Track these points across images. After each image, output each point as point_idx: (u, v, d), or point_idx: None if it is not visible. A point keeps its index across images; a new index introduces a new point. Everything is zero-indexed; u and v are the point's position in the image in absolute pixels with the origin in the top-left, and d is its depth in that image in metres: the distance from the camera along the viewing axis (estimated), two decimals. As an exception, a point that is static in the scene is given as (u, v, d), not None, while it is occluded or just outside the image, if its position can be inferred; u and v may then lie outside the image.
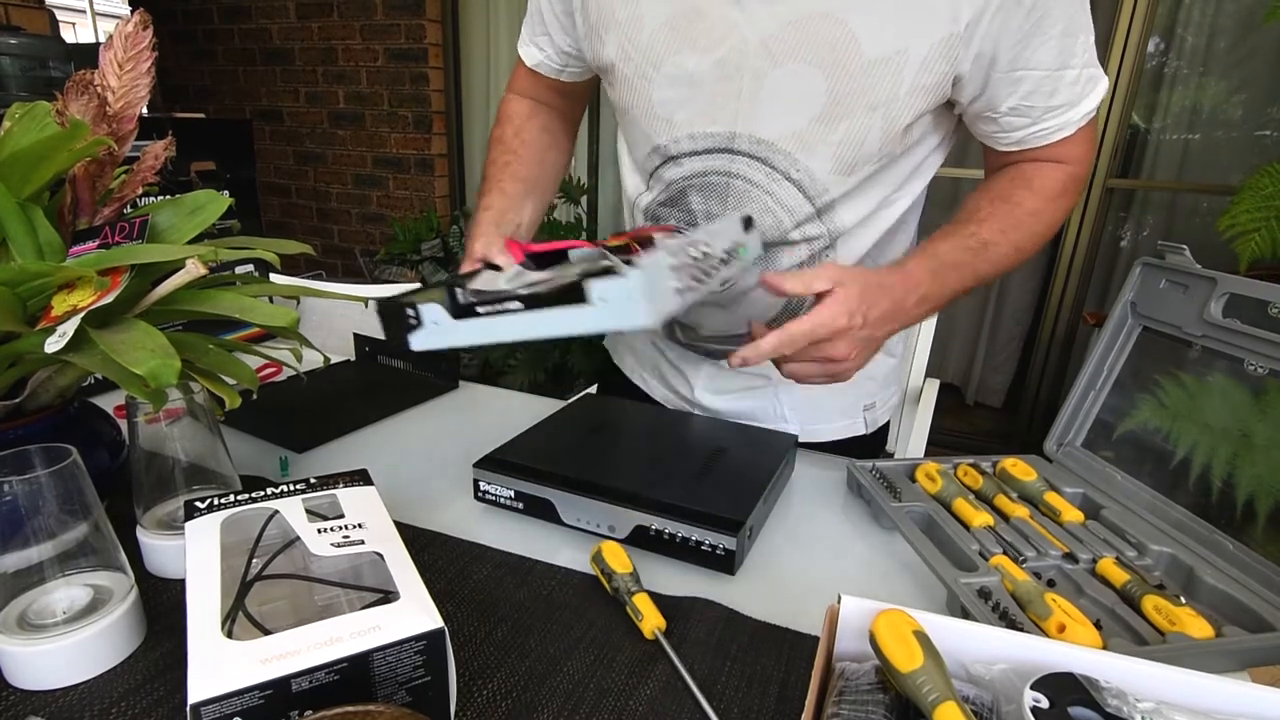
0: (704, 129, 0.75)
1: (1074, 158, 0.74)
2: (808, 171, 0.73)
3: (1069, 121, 0.70)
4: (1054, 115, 0.70)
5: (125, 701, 0.47)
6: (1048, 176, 0.74)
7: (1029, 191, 0.74)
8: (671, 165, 0.79)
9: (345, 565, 0.53)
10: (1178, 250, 0.73)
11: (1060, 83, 0.68)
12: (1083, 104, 0.70)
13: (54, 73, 2.14)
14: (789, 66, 0.68)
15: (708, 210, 0.79)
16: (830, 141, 0.70)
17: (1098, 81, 0.70)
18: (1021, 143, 0.73)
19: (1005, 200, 0.74)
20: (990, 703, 0.40)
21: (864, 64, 0.66)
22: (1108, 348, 0.79)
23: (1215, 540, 0.63)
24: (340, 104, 3.47)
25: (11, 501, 0.46)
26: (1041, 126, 0.71)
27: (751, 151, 0.74)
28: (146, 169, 0.66)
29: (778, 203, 0.76)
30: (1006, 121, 0.71)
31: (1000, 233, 0.72)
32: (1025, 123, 0.71)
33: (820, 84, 0.68)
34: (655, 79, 0.75)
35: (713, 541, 0.61)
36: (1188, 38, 2.44)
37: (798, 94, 0.69)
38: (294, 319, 0.58)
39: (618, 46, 0.76)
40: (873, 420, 0.95)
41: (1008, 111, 0.70)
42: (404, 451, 0.86)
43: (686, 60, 0.72)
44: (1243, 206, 1.81)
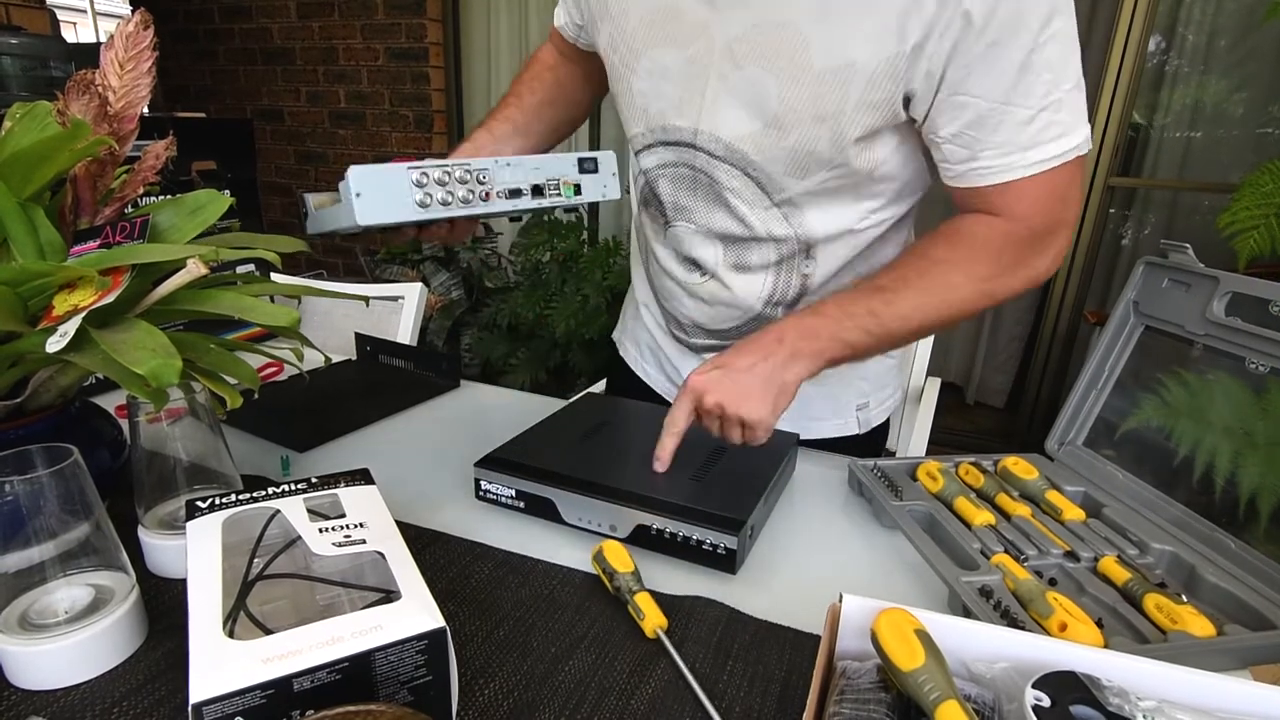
0: (673, 122, 0.77)
1: (1022, 214, 0.68)
2: (763, 171, 0.74)
3: (1012, 165, 0.65)
4: (995, 154, 0.66)
5: (127, 701, 0.47)
6: (981, 235, 0.70)
7: (948, 247, 0.71)
8: (646, 153, 0.83)
9: (347, 565, 0.53)
10: (1181, 249, 0.73)
11: (1006, 119, 0.64)
12: (1033, 151, 0.65)
13: (55, 72, 2.14)
14: (748, 70, 0.70)
15: (676, 201, 0.82)
16: (782, 147, 0.71)
17: (1065, 131, 0.64)
18: (962, 178, 0.69)
19: (922, 256, 0.72)
20: (992, 701, 0.40)
21: (813, 74, 0.66)
22: (1109, 347, 0.79)
23: (1216, 538, 0.63)
24: (341, 103, 3.47)
25: (13, 501, 0.46)
26: (981, 164, 0.67)
27: (711, 149, 0.76)
28: (147, 169, 0.66)
29: (739, 198, 0.77)
30: (948, 150, 0.68)
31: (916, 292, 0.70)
32: (965, 155, 0.67)
33: (773, 90, 0.69)
34: (636, 69, 0.78)
35: (714, 541, 0.61)
36: (1188, 36, 2.43)
37: (753, 98, 0.70)
38: (295, 318, 0.58)
39: (608, 36, 0.80)
40: (866, 420, 0.94)
41: (949, 138, 0.67)
42: (405, 451, 0.86)
43: (663, 55, 0.75)
44: (1242, 204, 1.81)
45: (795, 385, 0.68)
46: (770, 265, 0.81)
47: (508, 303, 2.53)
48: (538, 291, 2.53)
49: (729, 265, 0.82)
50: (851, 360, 0.72)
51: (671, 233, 0.85)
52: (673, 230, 0.84)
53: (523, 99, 0.94)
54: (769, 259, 0.80)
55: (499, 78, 3.29)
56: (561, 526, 0.68)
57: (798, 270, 0.81)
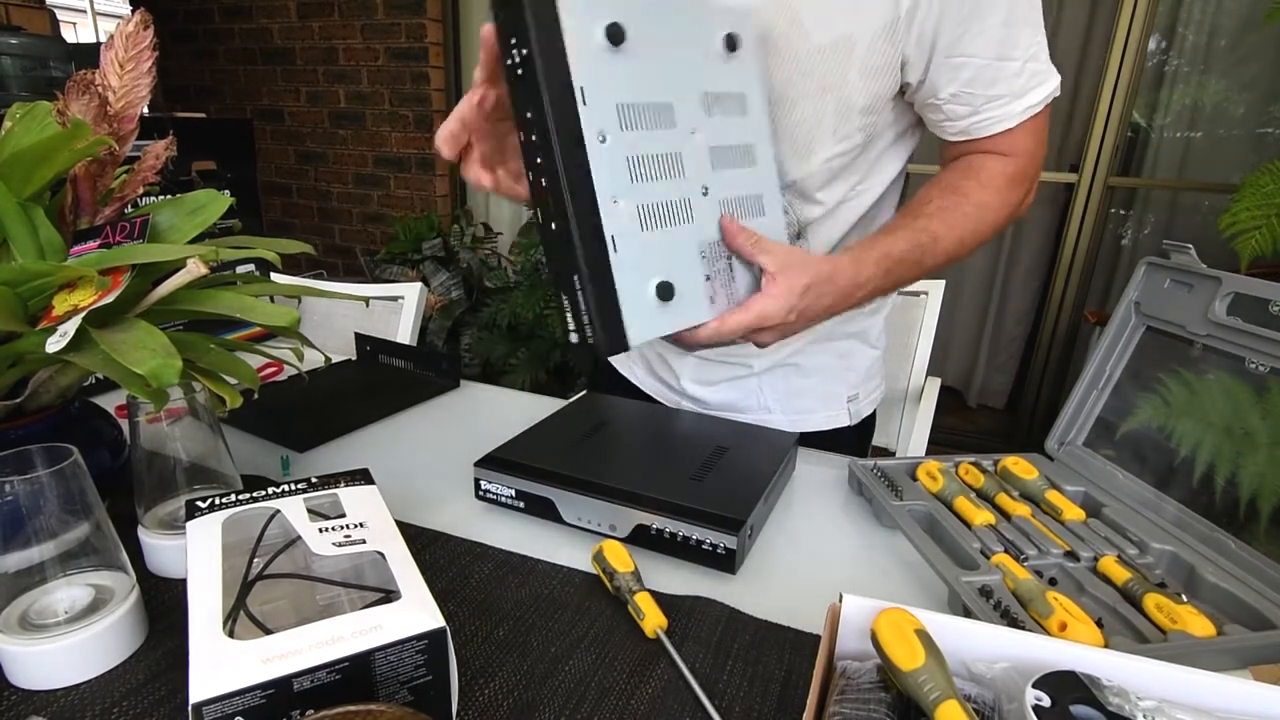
0: None
1: (1019, 151, 0.75)
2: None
3: (1010, 113, 0.71)
4: (995, 105, 0.71)
5: (127, 701, 0.47)
6: (994, 169, 0.75)
7: (976, 183, 0.75)
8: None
9: (347, 564, 0.53)
10: (1183, 249, 0.73)
11: (1001, 73, 0.69)
12: (1025, 97, 0.71)
13: (55, 73, 2.14)
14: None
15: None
16: (787, 124, 0.74)
17: (1045, 78, 0.71)
18: (966, 132, 0.74)
19: (954, 192, 0.75)
20: (992, 701, 0.40)
21: (812, 50, 0.70)
22: (1110, 347, 0.79)
23: (1216, 538, 0.63)
24: (341, 103, 3.47)
25: (13, 501, 0.46)
26: (983, 116, 0.72)
27: None
28: (147, 169, 0.66)
29: None
30: (949, 109, 0.73)
31: (949, 227, 0.73)
32: (967, 111, 0.72)
33: (774, 70, 0.71)
34: None
35: (714, 540, 0.61)
36: (1188, 36, 2.43)
37: None
38: (295, 318, 0.58)
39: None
40: (856, 412, 0.96)
41: (949, 99, 0.72)
42: (405, 451, 0.86)
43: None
44: (1243, 204, 1.80)
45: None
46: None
47: (508, 303, 2.53)
48: (538, 291, 2.53)
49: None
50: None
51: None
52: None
53: None
54: None
55: (499, 78, 3.28)
56: (561, 526, 0.68)
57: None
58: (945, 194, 0.75)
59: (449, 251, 2.93)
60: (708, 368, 0.93)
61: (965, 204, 0.74)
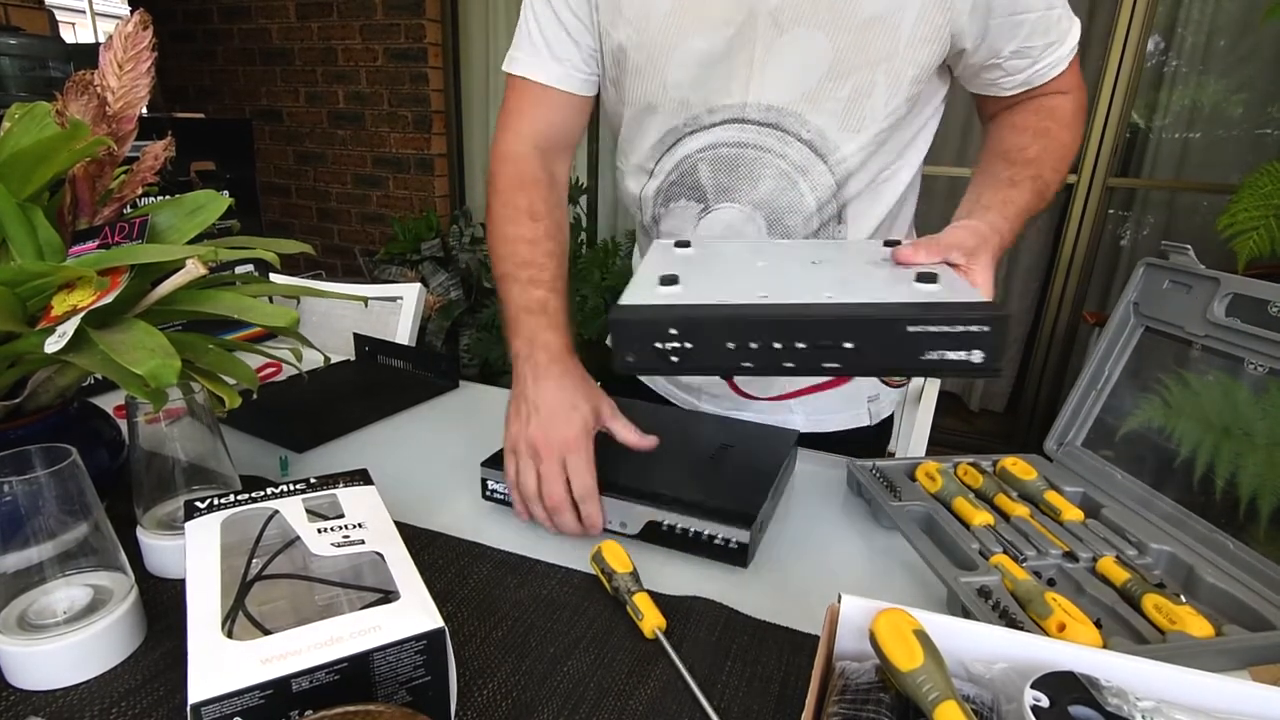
0: (718, 102, 0.77)
1: (1073, 86, 0.78)
2: (818, 130, 0.76)
3: (1062, 57, 0.75)
4: (1051, 52, 0.74)
5: (126, 701, 0.47)
6: (1064, 108, 0.78)
7: (1058, 124, 0.77)
8: (680, 144, 0.81)
9: (345, 565, 0.53)
10: (1181, 250, 0.73)
11: (1050, 21, 0.72)
12: (1069, 39, 0.74)
13: (54, 73, 2.14)
14: (794, 32, 0.71)
15: (717, 183, 0.81)
16: (838, 98, 0.74)
17: (1073, 19, 0.75)
18: (1028, 83, 0.76)
19: (1045, 135, 0.76)
20: (991, 702, 0.40)
21: (862, 21, 0.70)
22: (1109, 347, 0.79)
23: (1215, 539, 0.63)
24: (340, 104, 3.47)
25: (11, 502, 0.46)
26: (1042, 64, 0.75)
27: (761, 119, 0.76)
28: (146, 169, 0.66)
29: (791, 164, 0.78)
30: (1011, 65, 0.75)
31: (1053, 170, 0.75)
32: (1027, 64, 0.75)
33: (824, 44, 0.71)
34: (669, 62, 0.77)
35: (726, 535, 0.61)
36: (1187, 36, 2.43)
37: (804, 56, 0.72)
38: (294, 319, 0.58)
39: (628, 38, 0.77)
40: (876, 412, 0.96)
41: (1011, 55, 0.74)
42: (404, 451, 0.86)
43: (698, 41, 0.74)
44: (1241, 205, 1.81)
45: None
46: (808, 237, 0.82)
47: (507, 303, 2.53)
48: (537, 292, 2.52)
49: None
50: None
51: (709, 218, 0.83)
52: (711, 214, 0.83)
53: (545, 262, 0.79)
54: (810, 229, 0.82)
55: (498, 78, 3.27)
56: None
57: (831, 237, 0.83)
58: (1038, 137, 0.76)
59: (448, 252, 2.93)
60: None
61: (1056, 144, 0.76)
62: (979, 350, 0.46)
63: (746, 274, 0.58)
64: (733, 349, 0.49)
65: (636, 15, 0.76)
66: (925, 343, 0.47)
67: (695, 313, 0.49)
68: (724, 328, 0.48)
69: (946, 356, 0.47)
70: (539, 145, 0.85)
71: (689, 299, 0.52)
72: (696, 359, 0.49)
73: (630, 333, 0.50)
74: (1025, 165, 0.74)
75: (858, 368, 0.49)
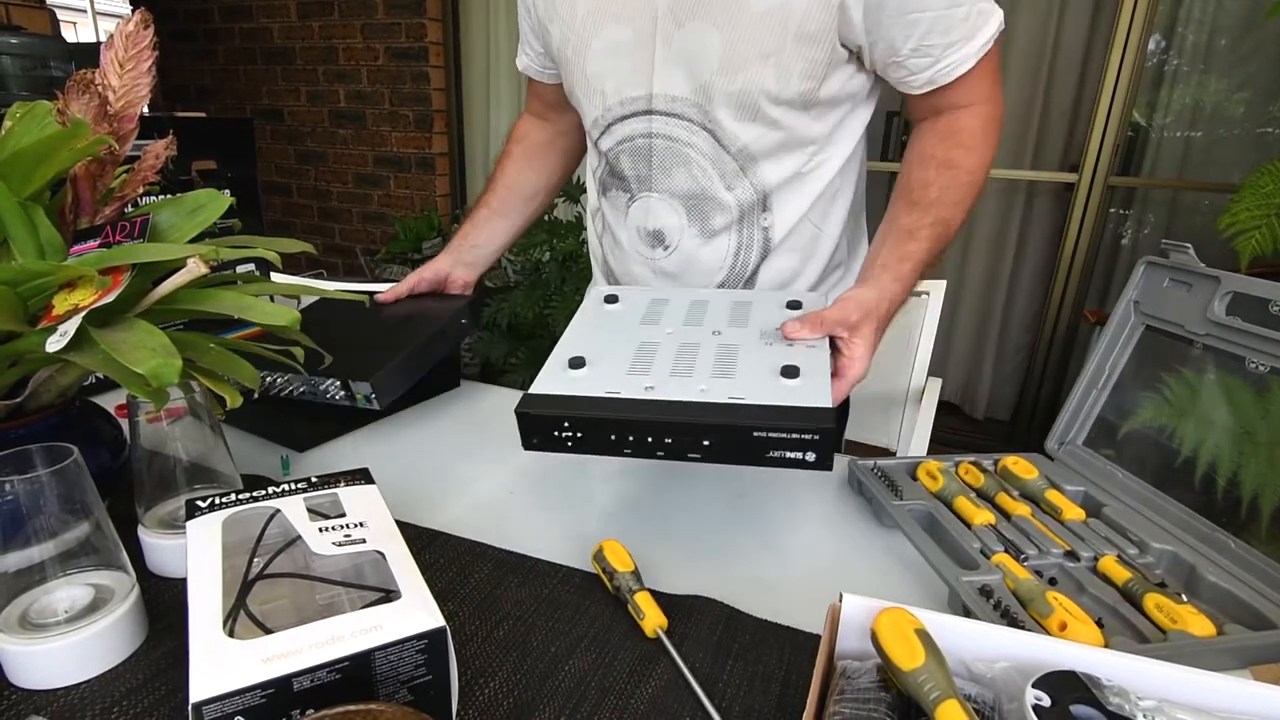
0: (628, 94, 0.84)
1: (983, 96, 0.78)
2: (716, 121, 0.81)
3: (968, 55, 0.74)
4: (954, 50, 0.74)
5: (127, 700, 0.47)
6: (970, 127, 0.78)
7: (962, 150, 0.78)
8: (605, 136, 0.89)
9: (347, 564, 0.53)
10: (1182, 249, 0.73)
11: (953, 20, 0.72)
12: (977, 37, 0.73)
13: (55, 72, 2.14)
14: (690, 27, 0.77)
15: (637, 173, 0.88)
16: (730, 91, 0.78)
17: (989, 15, 0.74)
18: (932, 81, 0.76)
19: (948, 166, 0.78)
20: (992, 701, 0.40)
21: (751, 17, 0.74)
22: (1110, 346, 0.79)
23: (1216, 538, 0.63)
24: (341, 103, 3.47)
25: (13, 501, 0.46)
26: (944, 63, 0.74)
27: (667, 109, 0.82)
28: (147, 168, 0.66)
29: (698, 152, 0.83)
30: (911, 64, 0.75)
31: (956, 206, 0.77)
32: (929, 62, 0.75)
33: (716, 39, 0.76)
34: (587, 54, 0.85)
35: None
36: (1188, 35, 2.43)
37: (700, 50, 0.77)
38: (295, 318, 0.58)
39: (559, 35, 0.87)
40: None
41: (910, 54, 0.74)
42: (405, 450, 0.86)
43: (612, 33, 0.82)
44: (1243, 204, 1.80)
45: None
46: (732, 225, 0.86)
47: (508, 302, 2.53)
48: (537, 291, 2.53)
49: (694, 231, 0.88)
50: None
51: (635, 207, 0.90)
52: (636, 204, 0.90)
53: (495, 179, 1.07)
54: (731, 217, 0.86)
55: (498, 77, 3.29)
56: (559, 526, 0.68)
57: (758, 225, 0.86)
58: (941, 171, 0.78)
59: (449, 251, 2.93)
60: None
61: (961, 175, 0.77)
62: (812, 452, 0.55)
63: (647, 354, 0.67)
64: (614, 440, 0.59)
65: (565, 11, 0.85)
66: (768, 445, 0.56)
67: (584, 414, 0.59)
68: (607, 426, 0.59)
69: (785, 456, 0.56)
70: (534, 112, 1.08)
71: (586, 388, 0.62)
72: (587, 445, 0.59)
73: (533, 424, 0.60)
74: (926, 209, 0.77)
75: (715, 459, 0.58)
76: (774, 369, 0.61)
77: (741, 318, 0.73)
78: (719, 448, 0.57)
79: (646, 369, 0.64)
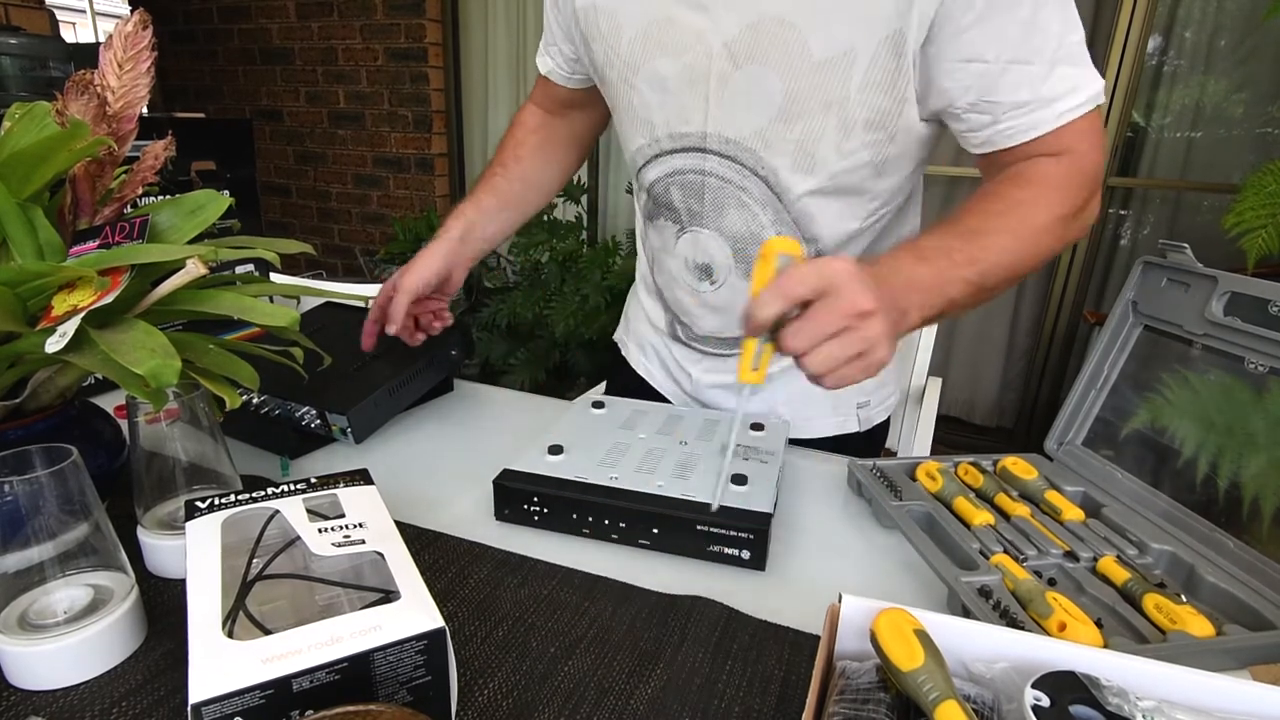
0: (679, 129, 0.79)
1: (1067, 148, 0.68)
2: (772, 170, 0.76)
3: (1041, 120, 0.66)
4: (1021, 113, 0.66)
5: (126, 701, 0.47)
6: (1039, 169, 0.68)
7: (1012, 184, 0.68)
8: (653, 164, 0.84)
9: (346, 565, 0.53)
10: (1179, 249, 0.73)
11: (1023, 76, 0.64)
12: (1057, 104, 0.65)
13: (54, 73, 2.14)
14: (748, 69, 0.71)
15: (689, 207, 0.83)
16: (789, 139, 0.73)
17: (1078, 82, 0.65)
18: (990, 142, 0.69)
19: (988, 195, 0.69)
20: (991, 701, 0.40)
21: (813, 65, 0.68)
22: (1108, 346, 0.79)
23: (1216, 538, 0.63)
24: (340, 104, 3.47)
25: (12, 502, 0.46)
26: (1006, 125, 0.67)
27: (721, 150, 0.77)
28: (146, 169, 0.66)
29: (750, 198, 0.78)
30: (970, 119, 0.69)
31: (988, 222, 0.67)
32: (988, 120, 0.68)
33: (777, 84, 0.70)
34: (635, 84, 0.79)
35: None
36: (1188, 36, 2.43)
37: (758, 94, 0.72)
38: (294, 319, 0.58)
39: (602, 54, 0.81)
40: (866, 419, 0.94)
41: (968, 107, 0.68)
42: (405, 451, 0.86)
43: (660, 65, 0.76)
44: (1247, 204, 1.81)
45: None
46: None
47: (507, 303, 2.53)
48: (537, 291, 2.53)
49: (741, 271, 0.83)
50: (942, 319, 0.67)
51: (684, 239, 0.86)
52: (686, 236, 0.85)
53: (508, 167, 0.98)
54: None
55: (498, 78, 3.29)
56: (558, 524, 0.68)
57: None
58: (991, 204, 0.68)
59: (448, 251, 2.93)
60: (720, 372, 0.93)
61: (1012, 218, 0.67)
62: (748, 550, 0.63)
63: (619, 451, 0.75)
64: (575, 519, 0.67)
65: (609, 32, 0.79)
66: (709, 539, 0.63)
67: (551, 492, 0.67)
68: (570, 505, 0.67)
69: (724, 551, 0.63)
70: (544, 106, 1.00)
71: (559, 471, 0.70)
72: (551, 522, 0.68)
73: (506, 496, 0.69)
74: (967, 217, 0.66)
75: (662, 547, 0.65)
76: (725, 476, 0.68)
77: (708, 433, 0.80)
78: (666, 536, 0.64)
79: (615, 463, 0.72)
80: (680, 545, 0.64)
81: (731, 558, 0.63)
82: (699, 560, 0.64)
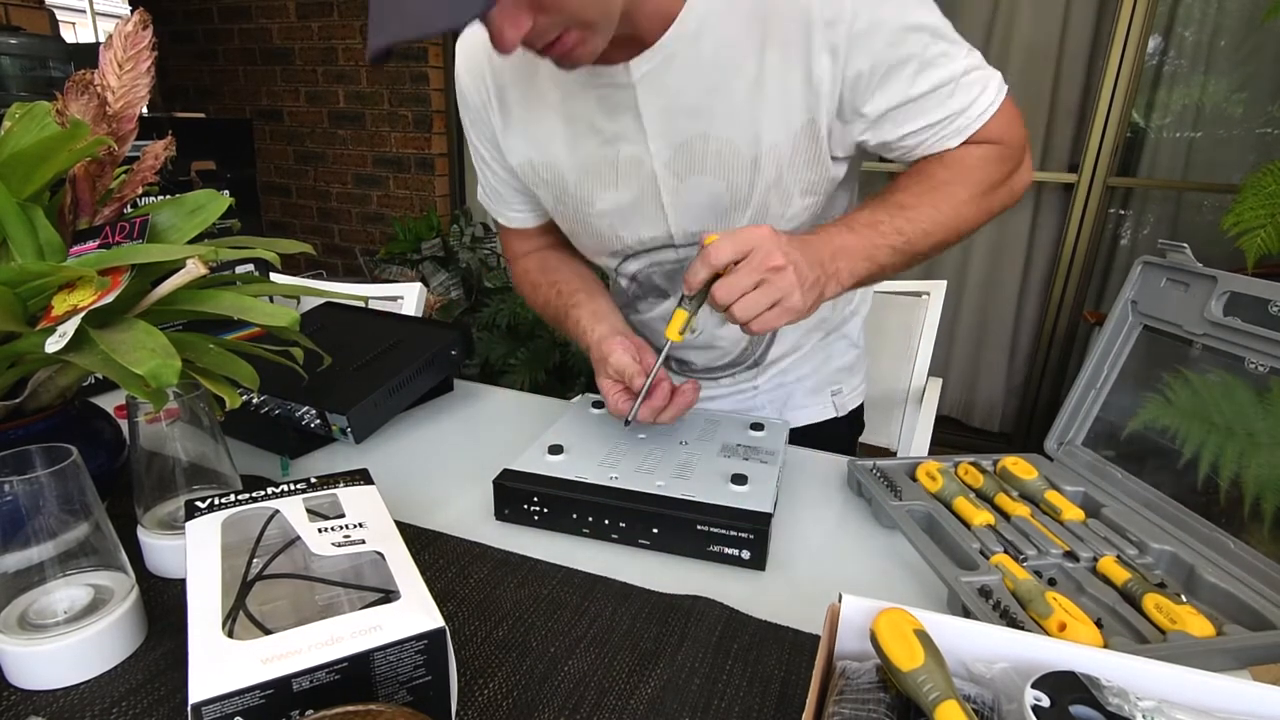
0: (646, 235, 0.85)
1: (994, 139, 0.75)
2: None
3: (967, 124, 0.73)
4: (947, 124, 0.74)
5: (126, 701, 0.47)
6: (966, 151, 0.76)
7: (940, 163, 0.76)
8: (628, 262, 0.90)
9: (346, 565, 0.53)
10: (1178, 249, 0.73)
11: (940, 100, 0.72)
12: (973, 108, 0.73)
13: (54, 73, 2.14)
14: (691, 180, 0.78)
15: (674, 285, 0.91)
16: (743, 219, 0.80)
17: (986, 83, 0.73)
18: (931, 149, 0.76)
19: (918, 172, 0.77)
20: (991, 701, 0.40)
21: (745, 162, 0.76)
22: (1108, 346, 0.79)
23: (1216, 538, 0.63)
24: (340, 103, 3.47)
25: (12, 501, 0.46)
26: (939, 134, 0.74)
27: (689, 242, 0.85)
28: (147, 169, 0.66)
29: None
30: (904, 144, 0.76)
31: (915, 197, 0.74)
32: (923, 138, 0.75)
33: (720, 185, 0.78)
34: (590, 218, 0.85)
35: None
36: (1188, 35, 2.43)
37: (706, 197, 0.79)
38: (294, 319, 0.58)
39: (552, 199, 0.87)
40: (842, 405, 1.03)
41: (901, 139, 0.75)
42: (405, 451, 0.86)
43: (612, 197, 0.82)
44: (1247, 204, 1.81)
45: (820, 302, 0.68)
46: None
47: (507, 303, 2.53)
48: (537, 291, 2.52)
49: (717, 321, 0.91)
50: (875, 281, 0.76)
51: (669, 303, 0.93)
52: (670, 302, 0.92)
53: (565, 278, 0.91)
54: None
55: (498, 78, 3.28)
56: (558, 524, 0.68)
57: None
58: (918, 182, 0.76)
59: (448, 251, 2.93)
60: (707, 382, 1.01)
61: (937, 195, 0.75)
62: (747, 550, 0.63)
63: (619, 452, 0.75)
64: (575, 519, 0.67)
65: (552, 180, 0.84)
66: (710, 539, 0.63)
67: (551, 492, 0.67)
68: (570, 505, 0.67)
69: (724, 551, 0.63)
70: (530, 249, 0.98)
71: (559, 471, 0.70)
72: (551, 521, 0.68)
73: (506, 496, 0.69)
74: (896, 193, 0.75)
75: (662, 547, 0.65)
76: (725, 476, 0.69)
77: (709, 434, 0.81)
78: (666, 536, 0.65)
79: (615, 464, 0.72)
80: (680, 545, 0.65)
81: (731, 558, 0.63)
82: (699, 560, 0.64)
